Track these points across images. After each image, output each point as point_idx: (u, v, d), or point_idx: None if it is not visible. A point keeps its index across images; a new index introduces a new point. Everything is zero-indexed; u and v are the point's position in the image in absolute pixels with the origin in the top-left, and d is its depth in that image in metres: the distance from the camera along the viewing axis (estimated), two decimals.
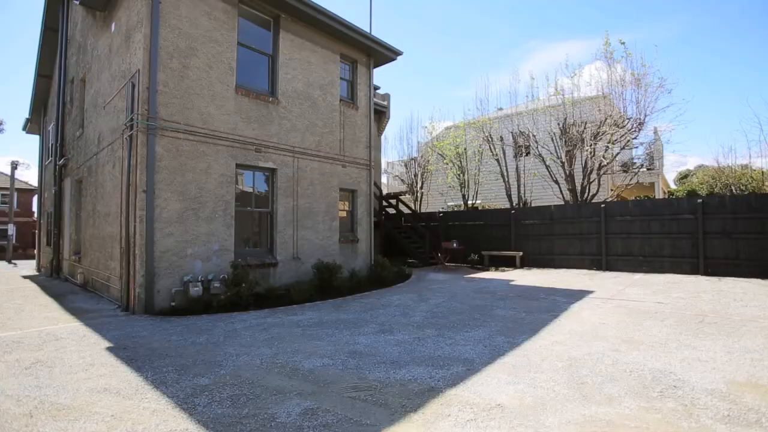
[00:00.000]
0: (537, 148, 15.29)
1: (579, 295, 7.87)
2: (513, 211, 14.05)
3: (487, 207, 18.99)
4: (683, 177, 35.25)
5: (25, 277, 13.52)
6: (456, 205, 20.46)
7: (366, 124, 11.18)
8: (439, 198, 21.38)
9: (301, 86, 9.35)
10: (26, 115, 18.04)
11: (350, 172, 10.56)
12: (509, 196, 16.59)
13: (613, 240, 11.76)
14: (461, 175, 18.56)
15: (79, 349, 4.58)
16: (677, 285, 8.82)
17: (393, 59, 11.68)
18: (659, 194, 17.34)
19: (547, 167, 14.99)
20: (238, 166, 8.06)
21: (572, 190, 14.34)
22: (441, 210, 17.88)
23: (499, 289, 8.94)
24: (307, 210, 9.30)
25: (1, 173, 34.35)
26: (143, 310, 6.54)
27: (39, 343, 4.84)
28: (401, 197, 17.07)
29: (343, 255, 10.11)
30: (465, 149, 18.59)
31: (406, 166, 20.68)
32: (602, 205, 12.10)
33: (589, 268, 12.06)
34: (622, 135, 13.41)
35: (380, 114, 15.83)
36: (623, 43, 13.41)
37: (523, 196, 16.97)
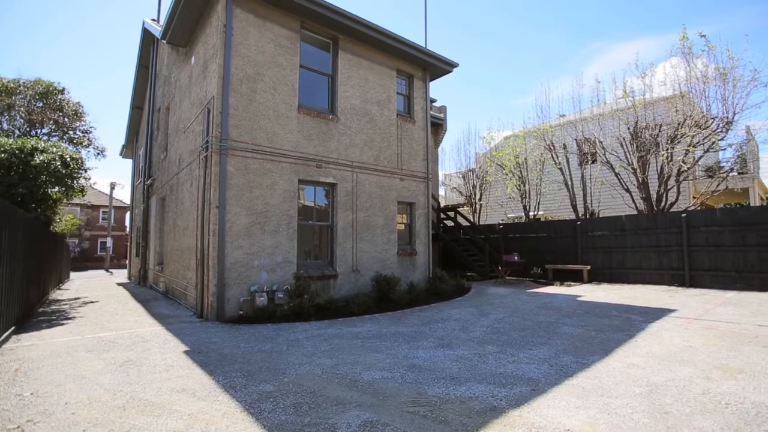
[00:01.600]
0: (604, 154, 14.33)
1: (658, 313, 7.15)
2: (579, 222, 13.22)
3: (550, 218, 18.07)
4: None
5: (118, 284, 15.19)
6: (517, 217, 19.70)
7: (423, 137, 11.23)
8: (499, 209, 20.73)
9: (359, 103, 9.65)
10: (122, 142, 20.55)
11: (408, 185, 10.63)
12: (574, 207, 15.66)
13: (698, 253, 10.58)
14: (522, 185, 17.89)
15: (162, 351, 5.02)
16: None
17: (449, 71, 11.69)
18: (755, 201, 15.35)
19: (617, 175, 13.96)
20: (300, 181, 8.46)
21: (646, 199, 13.19)
22: (501, 222, 17.32)
23: (564, 304, 8.41)
24: (365, 223, 9.49)
25: (102, 193, 39.10)
26: (215, 317, 7.03)
27: (129, 343, 5.39)
28: (459, 209, 16.79)
29: (401, 267, 10.13)
30: (525, 159, 17.94)
31: (464, 177, 20.37)
32: (683, 215, 10.98)
33: (670, 284, 10.94)
34: (706, 136, 12.13)
35: (437, 126, 15.83)
36: (703, 36, 12.19)
37: (589, 206, 15.92)
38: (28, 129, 15.11)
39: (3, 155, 7.39)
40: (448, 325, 6.52)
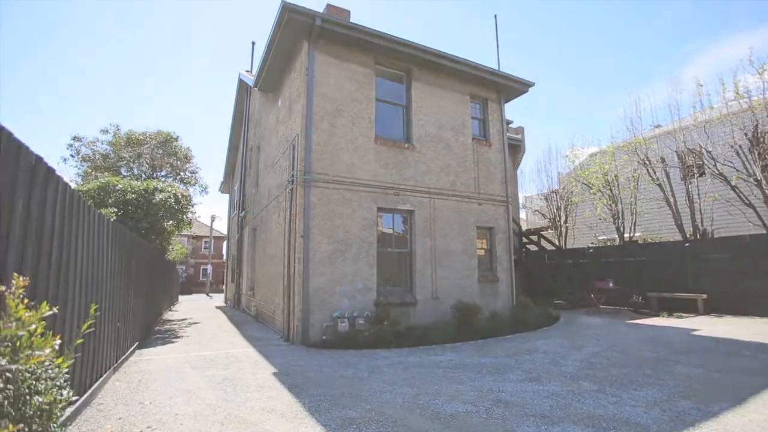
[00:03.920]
0: (714, 166, 12.58)
1: None
2: (687, 244, 11.62)
3: (649, 240, 16.18)
4: None
5: (217, 307, 16.75)
6: (609, 240, 17.96)
7: (500, 159, 10.95)
8: (588, 232, 19.12)
9: (434, 130, 9.77)
10: (221, 179, 23.13)
11: (486, 210, 10.35)
12: (679, 226, 13.81)
13: None
14: (613, 205, 16.34)
15: (254, 371, 5.37)
16: None
17: (524, 91, 11.37)
18: None
19: (734, 188, 12.11)
20: (378, 209, 8.70)
21: None
22: (591, 245, 15.91)
23: (676, 339, 7.33)
24: (444, 249, 9.37)
25: (204, 225, 44.03)
26: (300, 341, 7.36)
27: (226, 363, 5.87)
28: (543, 233, 15.84)
29: (482, 295, 9.75)
30: (616, 176, 16.44)
31: (546, 199, 19.27)
32: None
33: None
34: None
35: (515, 148, 15.36)
36: None
37: (699, 225, 13.95)
38: (151, 173, 17.82)
39: (133, 195, 8.77)
40: (535, 358, 6.05)
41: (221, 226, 45.41)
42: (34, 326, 1.57)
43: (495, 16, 12.14)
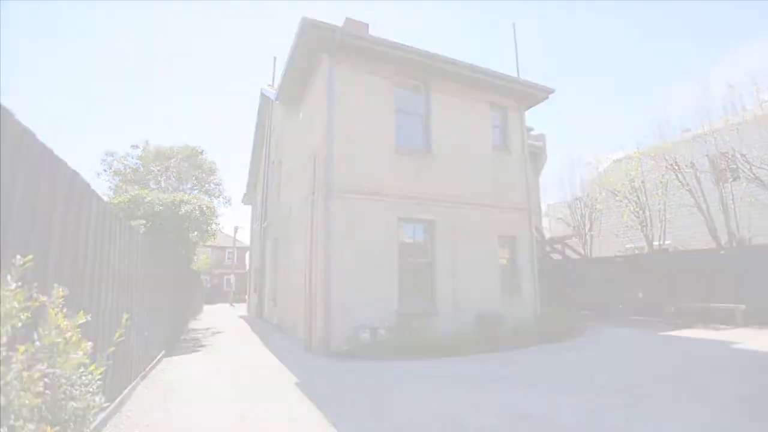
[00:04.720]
0: (750, 169, 12.04)
1: None
2: (723, 252, 11.11)
3: (681, 248, 15.56)
4: None
5: (240, 317, 17.00)
6: (637, 248, 17.37)
7: (521, 167, 10.80)
8: (614, 240, 18.53)
9: (454, 139, 9.74)
10: (244, 190, 23.68)
11: (508, 218, 10.19)
12: (713, 233, 13.23)
13: None
14: (640, 212, 15.81)
15: (276, 381, 5.41)
16: None
17: (545, 98, 11.24)
18: None
19: None
20: (399, 219, 8.68)
21: None
22: (618, 253, 15.42)
23: (713, 353, 6.98)
24: (465, 259, 9.26)
25: (228, 236, 44.97)
26: (321, 351, 7.37)
27: (249, 372, 5.94)
28: (567, 241, 15.46)
29: (505, 305, 9.54)
30: (643, 182, 15.94)
31: (569, 207, 18.85)
32: None
33: None
34: None
35: (536, 155, 15.14)
36: None
37: (736, 231, 13.32)
38: (177, 185, 18.44)
39: (161, 207, 9.07)
40: (561, 370, 5.88)
41: (244, 237, 46.17)
42: (69, 334, 1.64)
43: (513, 24, 12.12)
